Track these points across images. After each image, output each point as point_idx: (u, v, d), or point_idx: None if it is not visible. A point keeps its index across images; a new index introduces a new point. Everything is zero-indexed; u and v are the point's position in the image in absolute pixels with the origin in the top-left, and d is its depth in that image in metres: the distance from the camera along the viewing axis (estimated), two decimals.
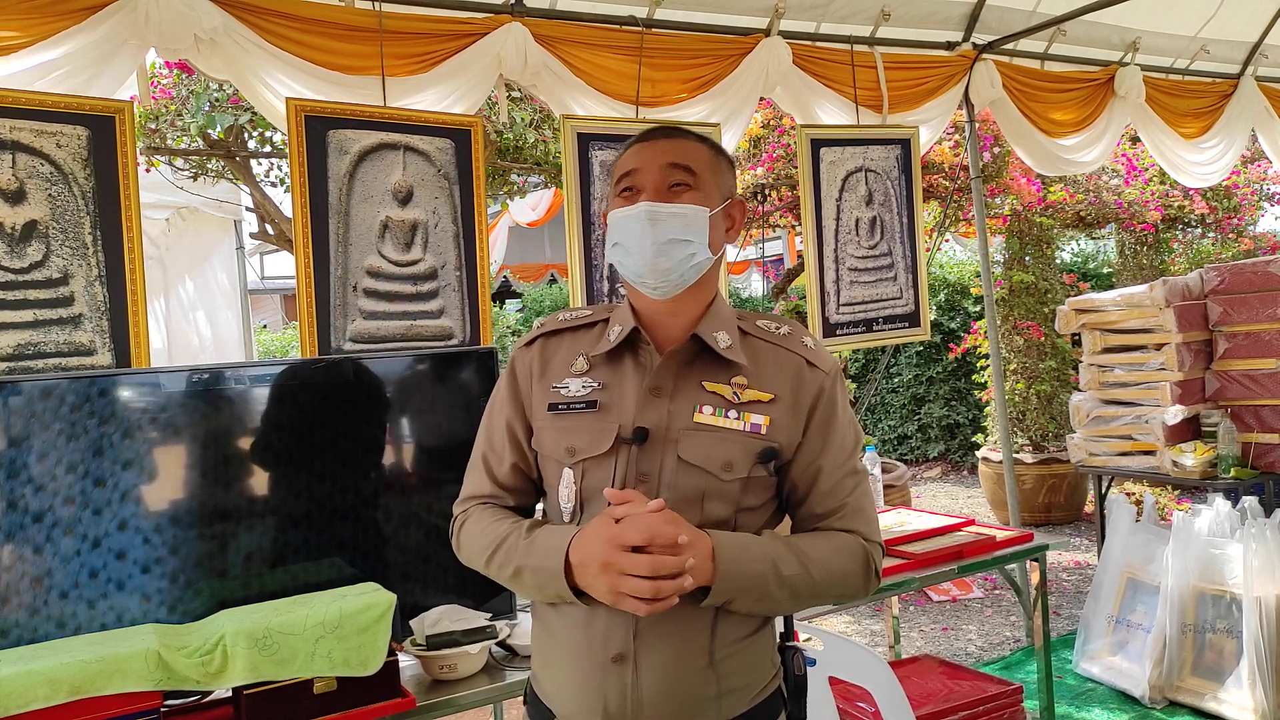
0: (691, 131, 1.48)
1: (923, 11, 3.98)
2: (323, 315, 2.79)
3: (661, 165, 1.40)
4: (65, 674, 1.68)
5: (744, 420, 1.38)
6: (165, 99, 4.30)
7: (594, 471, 1.39)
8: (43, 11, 2.42)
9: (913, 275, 4.06)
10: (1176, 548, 3.53)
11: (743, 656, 1.40)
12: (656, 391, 1.39)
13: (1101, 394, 4.59)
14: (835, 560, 1.39)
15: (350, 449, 2.31)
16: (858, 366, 8.91)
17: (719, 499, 1.37)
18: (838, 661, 2.25)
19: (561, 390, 1.44)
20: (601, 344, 1.45)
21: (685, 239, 1.38)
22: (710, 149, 1.47)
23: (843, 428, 1.44)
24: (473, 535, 1.47)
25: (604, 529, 1.29)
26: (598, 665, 1.36)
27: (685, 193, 1.40)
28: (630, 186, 1.42)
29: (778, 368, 1.42)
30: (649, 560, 1.24)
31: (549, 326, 1.52)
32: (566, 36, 3.20)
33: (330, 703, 1.90)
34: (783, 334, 1.47)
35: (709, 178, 1.43)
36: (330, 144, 2.79)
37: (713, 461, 1.36)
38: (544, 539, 1.38)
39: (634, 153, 1.44)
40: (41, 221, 2.41)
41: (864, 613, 4.94)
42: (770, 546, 1.35)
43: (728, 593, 1.32)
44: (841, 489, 1.43)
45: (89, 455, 2.00)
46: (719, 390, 1.40)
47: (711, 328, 1.42)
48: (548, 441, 1.44)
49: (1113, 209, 7.07)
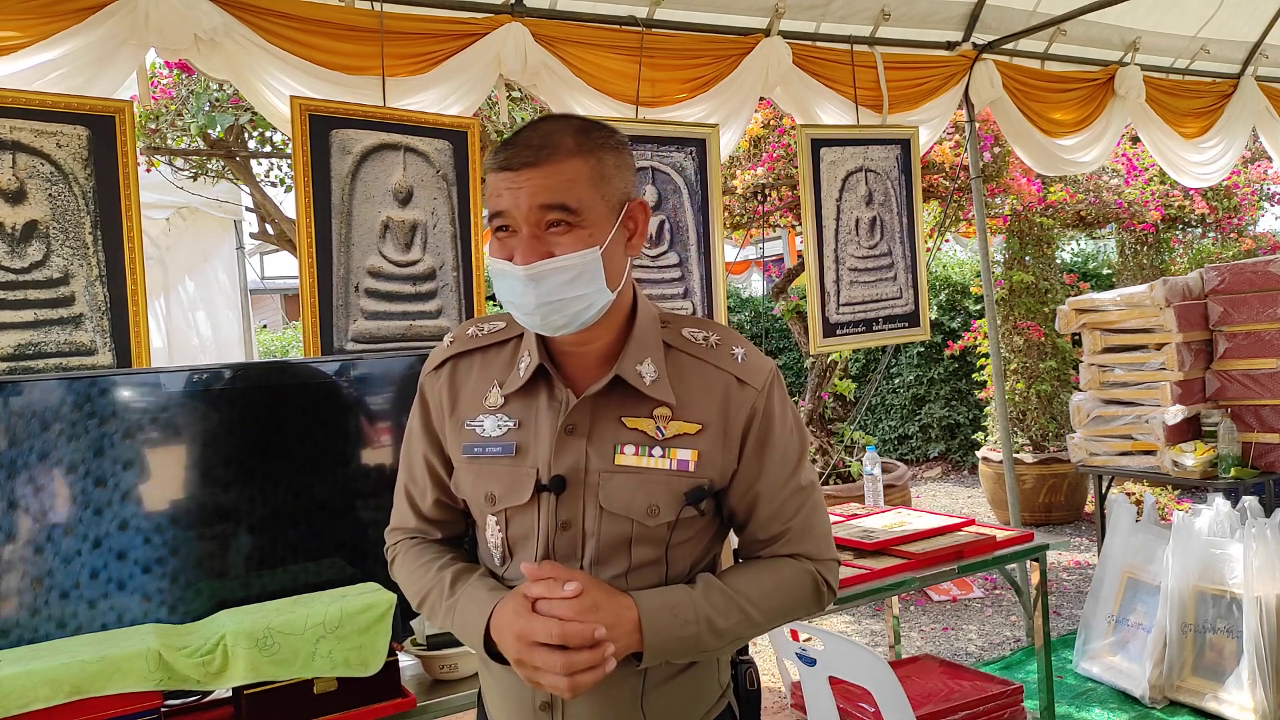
0: (569, 137, 1.22)
1: (923, 11, 3.98)
2: (325, 315, 2.79)
3: (532, 207, 1.19)
4: (66, 674, 1.68)
5: (669, 458, 1.26)
6: (165, 99, 4.31)
7: (517, 519, 1.30)
8: (42, 11, 2.42)
9: (913, 275, 4.06)
10: (1177, 547, 3.53)
11: (675, 693, 1.33)
12: (571, 431, 1.27)
13: (1102, 394, 4.59)
14: (777, 595, 1.31)
15: (351, 449, 2.31)
16: (858, 366, 8.91)
17: (646, 543, 1.28)
18: (838, 661, 2.25)
19: (476, 429, 1.32)
20: (514, 374, 1.32)
21: (578, 294, 1.21)
22: (591, 156, 1.22)
23: (781, 444, 1.32)
24: (401, 578, 1.43)
25: (515, 622, 1.20)
26: (528, 711, 1.32)
27: (566, 234, 1.20)
28: (504, 226, 1.22)
29: (705, 390, 1.29)
30: (562, 660, 1.16)
31: (460, 345, 1.38)
32: (566, 36, 3.20)
33: (331, 703, 1.90)
34: (711, 345, 1.32)
35: (593, 202, 1.21)
36: (333, 143, 2.79)
37: (636, 508, 1.26)
38: (464, 607, 1.30)
39: (504, 183, 1.21)
40: (42, 221, 2.41)
41: (864, 613, 4.94)
42: (702, 604, 1.25)
43: (658, 658, 1.24)
44: (785, 511, 1.33)
45: (89, 455, 2.00)
46: (640, 426, 1.27)
47: (635, 359, 1.28)
48: (466, 486, 1.35)
49: (1113, 209, 7.07)
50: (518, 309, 1.25)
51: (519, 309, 1.25)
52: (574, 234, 1.21)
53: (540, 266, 1.20)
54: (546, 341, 1.31)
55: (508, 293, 1.24)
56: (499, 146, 1.26)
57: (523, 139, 1.22)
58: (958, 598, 5.02)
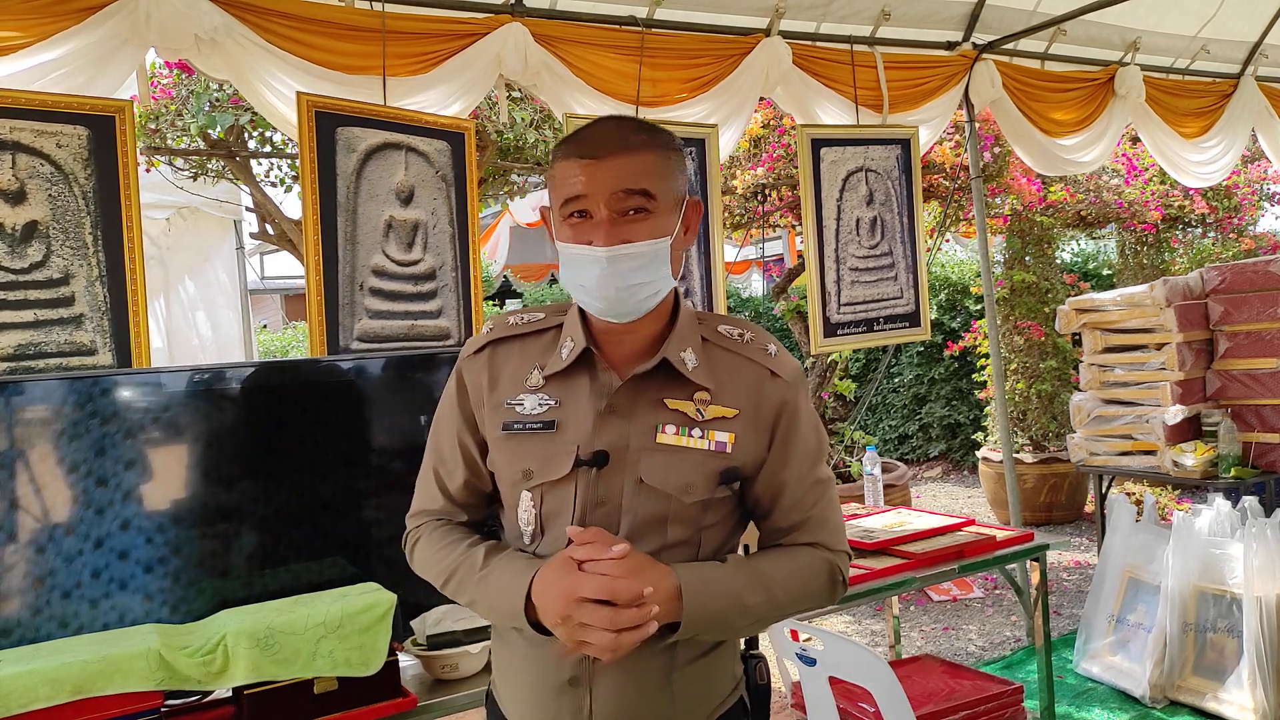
0: (642, 133, 1.31)
1: (923, 11, 3.98)
2: (331, 314, 2.78)
3: (614, 192, 1.26)
4: (67, 673, 1.68)
5: (709, 438, 1.33)
6: (165, 99, 4.31)
7: (552, 495, 1.33)
8: (43, 12, 2.42)
9: (913, 275, 4.06)
10: (1177, 547, 3.53)
11: (699, 674, 1.37)
12: (613, 410, 1.33)
13: (1102, 394, 4.59)
14: (799, 580, 1.37)
15: (351, 448, 2.31)
16: (858, 366, 8.91)
17: (680, 522, 1.33)
18: (838, 661, 2.25)
19: (516, 408, 1.36)
20: (554, 360, 1.37)
21: (648, 279, 1.29)
22: (661, 152, 1.31)
23: (805, 438, 1.39)
24: (425, 558, 1.43)
25: (563, 579, 1.23)
26: (552, 688, 1.33)
27: (644, 221, 1.27)
28: (580, 211, 1.28)
29: (740, 380, 1.36)
30: (610, 614, 1.19)
31: (498, 332, 1.42)
32: (566, 36, 3.20)
33: (331, 703, 1.90)
34: (745, 341, 1.40)
35: (666, 192, 1.30)
36: (339, 141, 2.79)
37: (673, 484, 1.31)
38: (499, 577, 1.32)
39: (581, 170, 1.27)
40: (42, 222, 2.41)
41: (864, 613, 4.94)
42: (734, 578, 1.31)
43: (694, 630, 1.28)
44: (805, 501, 1.39)
45: (91, 455, 2.00)
46: (681, 408, 1.33)
47: (678, 347, 1.35)
48: (502, 462, 1.38)
49: (1113, 209, 7.07)
50: (591, 291, 1.30)
51: (593, 291, 1.29)
52: (649, 222, 1.28)
53: (620, 249, 1.26)
54: (590, 328, 1.37)
55: (581, 276, 1.29)
56: (568, 138, 1.32)
57: (598, 132, 1.30)
58: (958, 598, 5.02)
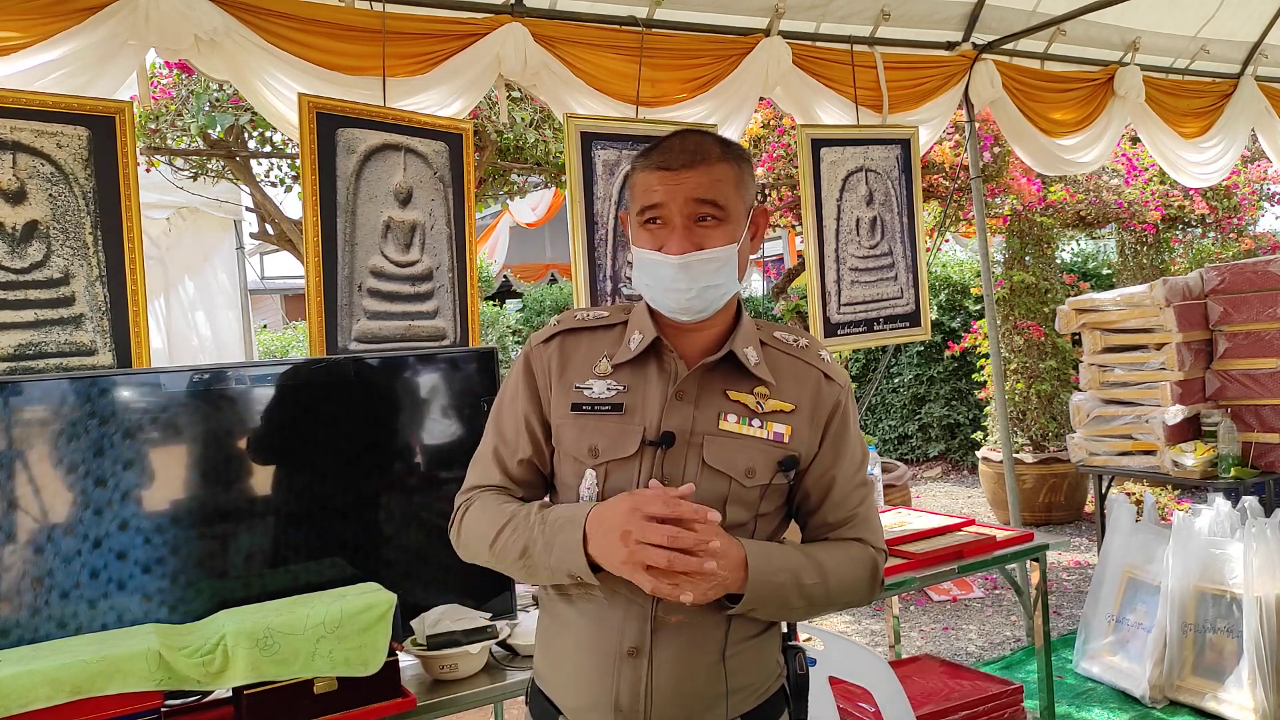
0: (716, 146, 1.41)
1: (923, 11, 3.98)
2: (330, 314, 2.78)
3: (688, 200, 1.37)
4: (66, 674, 1.68)
5: (767, 429, 1.41)
6: (165, 99, 4.30)
7: (617, 473, 1.40)
8: (43, 12, 2.42)
9: (913, 275, 4.06)
10: (1177, 547, 3.53)
11: (751, 655, 1.43)
12: (681, 397, 1.41)
13: (1102, 394, 4.59)
14: (847, 570, 1.44)
15: (351, 449, 2.31)
16: (858, 366, 8.91)
17: (739, 504, 1.40)
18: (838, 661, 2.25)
19: (585, 390, 1.44)
20: (623, 349, 1.46)
21: (717, 283, 1.39)
22: (734, 164, 1.41)
23: (854, 440, 1.49)
24: (477, 518, 1.47)
25: (625, 500, 1.31)
26: (611, 658, 1.37)
27: (715, 229, 1.38)
28: (656, 218, 1.39)
29: (797, 380, 1.46)
30: (668, 530, 1.25)
31: (567, 324, 1.51)
32: (566, 36, 3.20)
33: (331, 703, 1.90)
34: (801, 346, 1.50)
35: (736, 204, 1.40)
36: (339, 142, 2.79)
37: (736, 467, 1.39)
38: (559, 511, 1.39)
39: (659, 181, 1.38)
40: (42, 221, 2.41)
41: (864, 613, 4.94)
42: (792, 557, 1.39)
43: (754, 601, 1.34)
44: (852, 499, 1.48)
45: (90, 455, 2.00)
46: (743, 399, 1.42)
47: (743, 344, 1.45)
48: (568, 440, 1.44)
49: (1113, 209, 7.07)
50: (665, 293, 1.40)
51: (667, 293, 1.40)
52: (720, 229, 1.39)
53: (692, 257, 1.37)
54: (660, 322, 1.46)
55: (654, 279, 1.40)
56: (648, 150, 1.43)
57: (676, 145, 1.40)
58: (958, 598, 5.02)
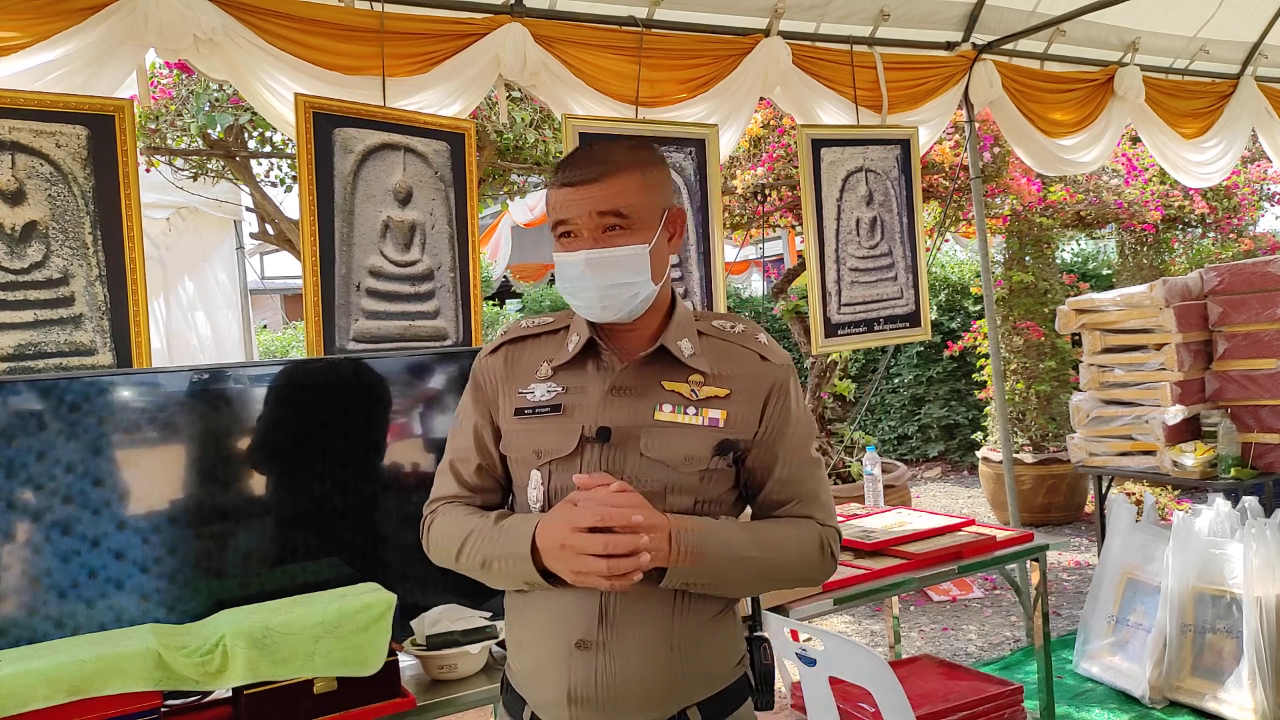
0: (623, 154, 1.45)
1: (922, 11, 3.98)
2: (328, 314, 2.78)
3: (593, 214, 1.41)
4: (64, 674, 1.68)
5: (702, 416, 1.45)
6: (165, 99, 4.30)
7: (560, 471, 1.45)
8: (42, 12, 2.42)
9: (913, 275, 4.06)
10: (1176, 548, 3.53)
11: (706, 641, 1.46)
12: (618, 392, 1.46)
13: (1101, 394, 4.59)
14: (791, 544, 1.47)
15: (350, 449, 2.31)
16: (858, 367, 8.90)
17: (680, 491, 1.44)
18: (838, 661, 2.25)
19: (527, 395, 1.50)
20: (562, 352, 1.52)
21: (627, 281, 1.43)
22: (640, 171, 1.45)
23: (796, 416, 1.51)
24: (442, 530, 1.53)
25: (563, 512, 1.36)
26: (564, 651, 1.41)
27: (620, 236, 1.42)
28: (568, 232, 1.44)
29: (733, 364, 1.49)
30: (601, 540, 1.30)
31: (513, 334, 1.59)
32: (566, 37, 3.20)
33: (330, 703, 1.90)
34: (738, 332, 1.54)
35: (643, 208, 1.44)
36: (336, 142, 2.79)
37: (674, 455, 1.43)
38: (511, 526, 1.44)
39: (564, 197, 1.43)
40: (41, 222, 2.41)
41: (864, 613, 4.94)
42: (726, 529, 1.43)
43: (685, 574, 1.38)
44: (798, 476, 1.50)
45: (88, 455, 2.00)
46: (678, 389, 1.47)
47: (675, 337, 1.49)
48: (516, 444, 1.51)
49: (1113, 209, 7.07)
50: (578, 296, 1.45)
51: (580, 296, 1.45)
52: (626, 235, 1.43)
53: (594, 253, 1.41)
54: (596, 325, 1.50)
55: (569, 282, 1.45)
56: (558, 166, 1.47)
57: (581, 159, 1.45)
58: (958, 598, 5.02)
